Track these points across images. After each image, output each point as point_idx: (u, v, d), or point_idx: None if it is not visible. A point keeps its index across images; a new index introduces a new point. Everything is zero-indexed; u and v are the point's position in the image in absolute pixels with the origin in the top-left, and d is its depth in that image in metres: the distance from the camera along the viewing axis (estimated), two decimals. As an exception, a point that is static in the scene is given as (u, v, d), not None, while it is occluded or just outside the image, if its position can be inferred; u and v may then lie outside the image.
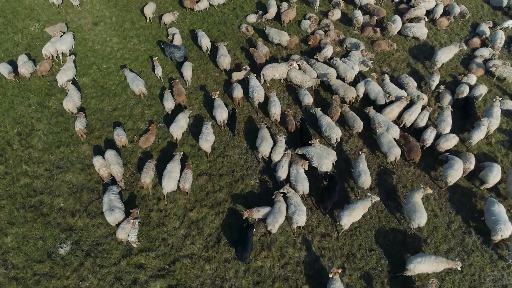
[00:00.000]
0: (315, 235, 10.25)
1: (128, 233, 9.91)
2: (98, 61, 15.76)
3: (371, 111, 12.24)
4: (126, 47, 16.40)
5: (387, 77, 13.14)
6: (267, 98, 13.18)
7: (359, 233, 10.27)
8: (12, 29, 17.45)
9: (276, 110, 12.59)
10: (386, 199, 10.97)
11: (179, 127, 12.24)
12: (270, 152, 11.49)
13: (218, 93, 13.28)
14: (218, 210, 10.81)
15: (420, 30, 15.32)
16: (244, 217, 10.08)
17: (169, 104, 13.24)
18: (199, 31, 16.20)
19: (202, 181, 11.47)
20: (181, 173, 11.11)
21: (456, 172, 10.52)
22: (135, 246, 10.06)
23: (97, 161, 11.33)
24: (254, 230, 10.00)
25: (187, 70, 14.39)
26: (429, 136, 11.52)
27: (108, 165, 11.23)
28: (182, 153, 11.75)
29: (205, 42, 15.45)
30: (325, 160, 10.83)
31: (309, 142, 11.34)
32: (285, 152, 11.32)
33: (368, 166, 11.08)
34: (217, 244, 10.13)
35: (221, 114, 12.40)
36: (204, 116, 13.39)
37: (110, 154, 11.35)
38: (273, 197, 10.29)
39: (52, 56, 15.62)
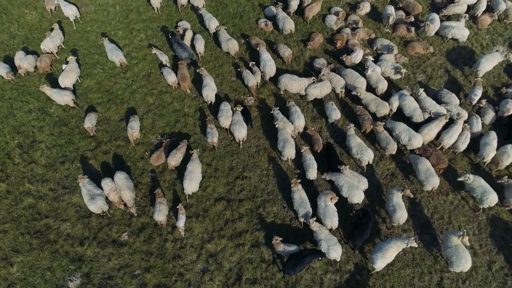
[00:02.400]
0: (343, 274, 9.46)
1: (166, 214, 10.01)
2: (102, 60, 14.40)
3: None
4: (132, 43, 14.96)
5: (422, 91, 11.75)
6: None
7: (391, 272, 9.46)
8: (8, 18, 16.00)
9: (300, 122, 11.54)
10: (421, 233, 10.06)
11: (211, 89, 12.32)
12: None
13: (239, 106, 12.06)
14: (238, 241, 9.97)
15: (461, 32, 13.67)
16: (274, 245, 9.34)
17: (172, 78, 12.82)
18: (205, 12, 14.74)
19: (220, 207, 10.56)
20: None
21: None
22: (182, 233, 9.94)
23: (106, 184, 10.38)
24: (320, 259, 9.37)
25: (200, 44, 13.80)
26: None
27: (118, 190, 10.30)
28: (198, 149, 11.36)
29: (213, 24, 14.39)
30: (356, 191, 9.83)
31: (339, 168, 10.28)
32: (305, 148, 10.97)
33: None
34: (238, 282, 9.38)
35: (240, 132, 11.27)
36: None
37: (120, 177, 10.37)
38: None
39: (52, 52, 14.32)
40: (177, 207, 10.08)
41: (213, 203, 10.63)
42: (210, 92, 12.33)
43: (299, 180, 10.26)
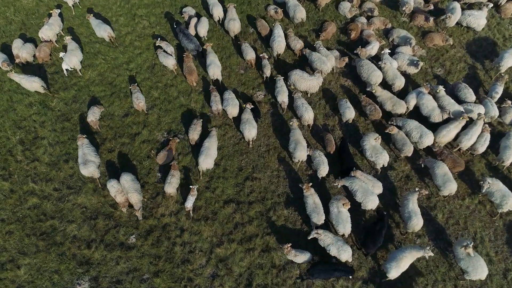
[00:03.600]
0: (356, 280, 9.29)
1: (176, 187, 10.16)
2: (104, 49, 13.74)
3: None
4: (135, 31, 14.22)
5: (442, 89, 11.16)
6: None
7: (404, 280, 9.29)
8: (3, 2, 15.26)
9: (309, 115, 11.13)
10: (435, 238, 9.82)
11: (216, 66, 12.19)
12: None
13: (249, 103, 11.55)
14: (248, 246, 9.76)
15: (477, 21, 12.83)
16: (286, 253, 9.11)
17: (171, 61, 12.45)
18: None
19: (229, 210, 10.28)
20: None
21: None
22: (190, 213, 9.99)
23: (112, 186, 10.07)
24: (351, 277, 9.12)
25: (202, 27, 13.30)
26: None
27: (125, 192, 10.00)
28: (217, 128, 11.38)
29: (217, 11, 13.73)
30: (371, 196, 9.50)
31: (351, 174, 9.91)
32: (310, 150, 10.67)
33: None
34: (248, 287, 9.26)
35: (250, 131, 10.81)
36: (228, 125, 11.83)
37: (126, 179, 10.04)
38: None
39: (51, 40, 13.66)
40: (190, 187, 10.02)
41: (222, 205, 10.35)
42: (216, 69, 12.15)
43: (310, 184, 9.94)
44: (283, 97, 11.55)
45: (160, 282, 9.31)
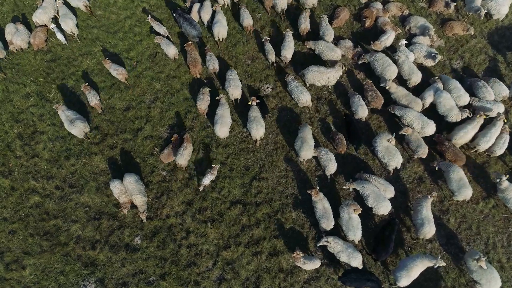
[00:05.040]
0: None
1: (188, 159, 10.25)
2: (102, 35, 12.98)
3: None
4: (134, 15, 13.39)
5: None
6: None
7: (412, 285, 9.13)
8: (-8, -20, 14.20)
9: (306, 97, 10.81)
10: (447, 243, 9.61)
11: (222, 26, 12.02)
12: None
13: (255, 98, 10.95)
14: (255, 249, 9.59)
15: (498, 7, 11.88)
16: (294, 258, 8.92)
17: (172, 51, 11.88)
18: None
19: (236, 212, 10.03)
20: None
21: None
22: (200, 189, 10.08)
23: (116, 187, 9.78)
24: None
25: (206, 13, 12.60)
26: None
27: (129, 194, 9.71)
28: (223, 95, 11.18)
29: None
30: (383, 202, 9.19)
31: (364, 176, 9.56)
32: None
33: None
34: (255, 292, 9.19)
35: (258, 130, 10.34)
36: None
37: (130, 181, 9.71)
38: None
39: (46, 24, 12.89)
40: (213, 165, 10.09)
41: (228, 207, 10.09)
42: (221, 29, 12.05)
43: (318, 188, 9.59)
44: (286, 53, 11.53)
45: (167, 285, 9.23)
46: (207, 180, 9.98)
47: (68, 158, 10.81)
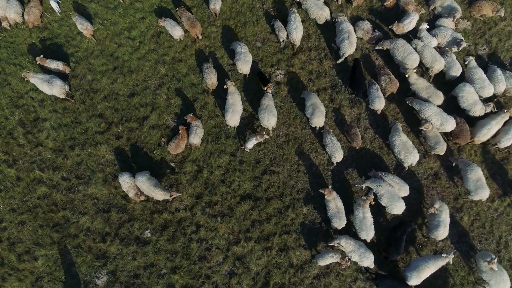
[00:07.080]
0: (373, 283, 9.29)
1: (201, 137, 10.16)
2: (100, 10, 12.04)
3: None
4: (134, -12, 12.29)
5: (472, 59, 10.05)
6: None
7: (423, 284, 9.26)
8: None
9: (298, 35, 10.67)
10: (458, 241, 9.57)
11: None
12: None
13: (271, 86, 10.38)
14: (265, 245, 9.58)
15: None
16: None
17: (178, 32, 11.14)
18: None
19: (246, 207, 9.89)
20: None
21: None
22: (246, 149, 10.04)
23: (125, 181, 9.56)
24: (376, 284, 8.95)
25: None
26: None
27: (147, 193, 9.51)
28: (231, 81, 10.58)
29: None
30: (398, 202, 9.00)
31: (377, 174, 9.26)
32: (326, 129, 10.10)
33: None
34: (265, 286, 9.29)
35: (270, 120, 9.88)
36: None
37: (142, 181, 9.38)
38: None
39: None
40: (263, 133, 10.06)
41: (238, 201, 9.93)
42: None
43: (330, 186, 9.37)
44: (298, 35, 10.74)
45: (178, 278, 9.35)
46: (251, 144, 9.90)
47: (73, 147, 10.49)
